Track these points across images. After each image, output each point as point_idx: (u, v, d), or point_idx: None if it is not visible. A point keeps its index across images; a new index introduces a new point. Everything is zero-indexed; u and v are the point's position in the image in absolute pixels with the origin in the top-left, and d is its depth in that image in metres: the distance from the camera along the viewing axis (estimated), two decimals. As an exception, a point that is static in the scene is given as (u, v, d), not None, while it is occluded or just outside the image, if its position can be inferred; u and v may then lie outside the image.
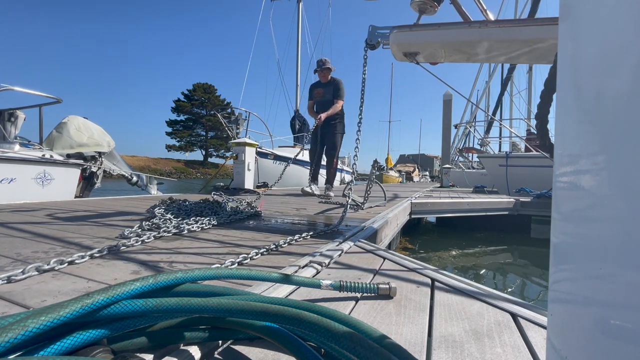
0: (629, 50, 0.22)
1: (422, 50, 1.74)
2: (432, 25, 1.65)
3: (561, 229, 0.31)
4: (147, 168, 28.68)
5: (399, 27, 1.72)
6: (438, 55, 1.78)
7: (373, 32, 1.81)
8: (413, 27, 1.68)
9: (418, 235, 4.55)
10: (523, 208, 4.30)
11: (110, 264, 0.99)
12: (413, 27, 1.68)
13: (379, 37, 1.80)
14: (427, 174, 37.40)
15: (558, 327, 0.31)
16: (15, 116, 4.49)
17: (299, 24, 11.59)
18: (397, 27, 1.72)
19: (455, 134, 11.91)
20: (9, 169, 3.63)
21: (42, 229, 1.54)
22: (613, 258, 0.23)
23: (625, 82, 0.22)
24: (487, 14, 1.66)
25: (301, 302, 0.56)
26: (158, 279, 0.52)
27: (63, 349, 0.42)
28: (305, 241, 1.39)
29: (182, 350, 0.51)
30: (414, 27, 1.68)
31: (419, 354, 0.55)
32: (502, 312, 0.74)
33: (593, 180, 0.26)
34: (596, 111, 0.26)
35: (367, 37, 1.82)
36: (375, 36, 1.81)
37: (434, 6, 1.62)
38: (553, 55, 1.56)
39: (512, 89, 15.28)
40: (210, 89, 42.16)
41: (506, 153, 7.68)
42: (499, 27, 1.53)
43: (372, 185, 2.99)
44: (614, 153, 0.23)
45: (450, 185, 9.96)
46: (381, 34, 1.79)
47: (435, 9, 1.63)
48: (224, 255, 1.11)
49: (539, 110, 0.76)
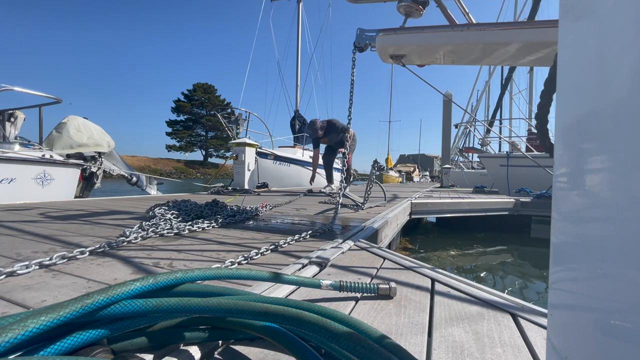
0: (629, 50, 0.22)
1: (408, 53, 1.78)
2: (416, 29, 1.70)
3: (561, 229, 0.31)
4: (147, 168, 28.68)
5: (384, 30, 1.76)
6: (424, 57, 1.82)
7: (361, 35, 1.84)
8: (398, 30, 1.72)
9: (418, 235, 4.55)
10: (523, 208, 4.30)
11: (110, 264, 0.99)
12: (398, 30, 1.72)
13: (367, 39, 1.83)
14: (427, 174, 37.40)
15: (558, 327, 0.31)
16: (15, 116, 4.49)
17: (299, 24, 11.59)
18: (383, 30, 1.77)
19: (455, 133, 11.91)
20: (9, 169, 3.63)
21: (42, 229, 1.54)
22: (613, 258, 0.23)
23: (625, 82, 0.22)
24: (469, 17, 1.69)
25: (301, 302, 0.56)
26: (158, 279, 0.52)
27: (63, 349, 0.42)
28: (305, 241, 1.39)
29: (182, 350, 0.51)
30: (399, 31, 1.72)
31: (419, 354, 0.55)
32: (502, 312, 0.74)
33: (593, 180, 0.26)
34: (596, 111, 0.26)
35: (355, 39, 1.85)
36: (363, 39, 1.84)
37: (419, 9, 1.65)
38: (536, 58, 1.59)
39: (512, 88, 15.28)
40: (210, 89, 42.17)
41: (507, 153, 7.68)
42: (481, 30, 1.57)
43: (372, 186, 2.99)
44: (614, 153, 0.23)
45: (450, 185, 9.95)
46: (368, 36, 1.82)
47: (420, 12, 1.67)
48: (224, 255, 1.11)
49: (539, 110, 0.76)
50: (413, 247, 3.75)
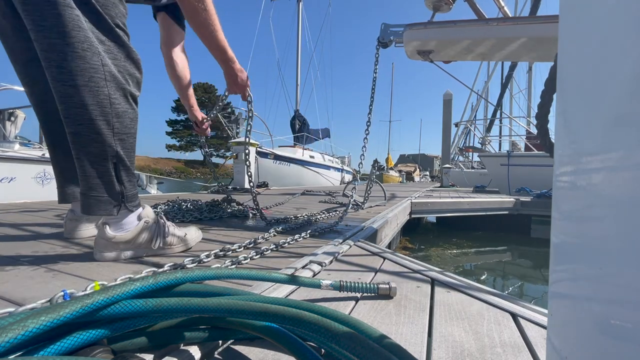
0: (630, 50, 0.22)
1: (437, 49, 1.70)
2: (447, 23, 1.61)
3: (561, 229, 0.31)
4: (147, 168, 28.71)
5: (413, 25, 1.68)
6: (453, 53, 1.75)
7: (386, 30, 1.77)
8: (428, 24, 1.65)
9: (418, 235, 4.55)
10: (523, 208, 4.31)
11: (110, 264, 0.99)
12: (428, 24, 1.65)
13: (392, 35, 1.76)
14: (427, 174, 37.42)
15: (558, 327, 0.31)
16: (15, 115, 4.50)
17: (299, 24, 11.59)
18: (411, 24, 1.68)
19: (455, 132, 11.91)
20: (9, 168, 3.63)
21: (42, 228, 1.54)
22: (613, 258, 0.23)
23: (625, 82, 0.22)
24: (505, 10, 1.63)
25: (301, 302, 0.56)
26: (158, 279, 0.52)
27: (63, 349, 0.42)
28: (305, 241, 1.39)
29: (182, 350, 0.51)
30: (428, 25, 1.64)
31: (419, 354, 0.55)
32: (502, 312, 0.74)
33: (593, 179, 0.26)
34: (596, 111, 0.26)
35: (380, 35, 1.77)
36: (387, 34, 1.77)
37: (449, 3, 1.59)
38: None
39: (512, 87, 15.28)
40: (210, 88, 42.18)
41: (508, 152, 7.67)
42: (517, 24, 1.49)
43: (372, 185, 2.99)
44: (614, 152, 0.23)
45: (450, 185, 9.96)
46: (394, 32, 1.76)
47: (449, 6, 1.60)
48: (224, 255, 1.11)
49: (540, 110, 0.76)
50: (413, 246, 3.75)
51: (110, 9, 0.92)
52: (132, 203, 1.02)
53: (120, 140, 0.95)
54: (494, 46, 1.59)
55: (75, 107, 0.87)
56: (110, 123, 0.92)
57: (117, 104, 0.93)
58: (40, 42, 0.83)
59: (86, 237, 1.33)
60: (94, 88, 0.88)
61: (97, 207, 0.95)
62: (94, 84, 0.88)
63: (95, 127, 0.90)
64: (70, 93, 0.86)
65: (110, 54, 0.93)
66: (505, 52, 1.66)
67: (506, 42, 1.54)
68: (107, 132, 0.92)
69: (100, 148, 0.92)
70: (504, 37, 1.51)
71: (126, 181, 0.99)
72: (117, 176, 0.96)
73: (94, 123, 0.90)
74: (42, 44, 0.83)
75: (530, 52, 1.62)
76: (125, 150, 0.98)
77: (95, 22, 0.89)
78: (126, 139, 0.98)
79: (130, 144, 0.99)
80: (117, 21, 0.94)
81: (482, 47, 1.62)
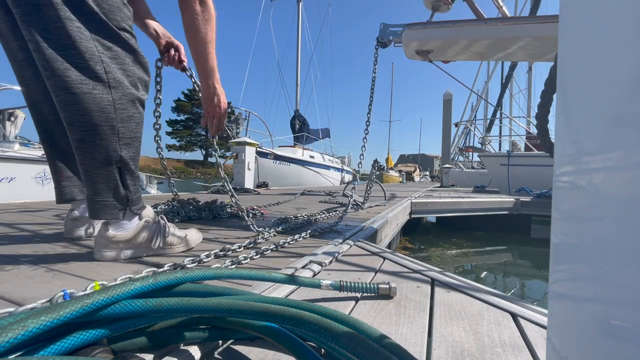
0: (630, 50, 0.22)
1: (436, 48, 1.70)
2: (446, 23, 1.61)
3: (561, 229, 0.31)
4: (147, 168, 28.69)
5: (412, 25, 1.68)
6: (452, 53, 1.74)
7: (385, 30, 1.77)
8: (426, 24, 1.64)
9: (418, 235, 4.55)
10: (523, 208, 4.31)
11: (110, 264, 0.99)
12: (426, 24, 1.64)
13: (391, 34, 1.76)
14: (427, 174, 37.42)
15: (558, 327, 0.31)
16: (15, 115, 4.50)
17: (299, 24, 11.60)
18: (410, 24, 1.68)
19: (455, 132, 11.91)
20: (9, 168, 3.63)
21: (42, 228, 1.54)
22: (613, 258, 0.23)
23: (625, 82, 0.22)
24: (504, 10, 1.62)
25: (301, 302, 0.56)
26: (158, 279, 0.52)
27: (63, 349, 0.42)
28: (305, 241, 1.39)
29: (182, 350, 0.51)
30: (427, 25, 1.64)
31: (419, 354, 0.55)
32: (502, 312, 0.74)
33: (593, 179, 0.26)
34: (597, 111, 0.26)
35: (379, 34, 1.77)
36: (387, 34, 1.76)
37: (448, 3, 1.59)
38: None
39: (512, 87, 15.28)
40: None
41: (508, 152, 7.67)
42: (516, 24, 1.48)
43: (372, 185, 2.99)
44: (614, 152, 0.23)
45: (450, 185, 9.96)
46: (393, 31, 1.76)
47: (449, 6, 1.60)
48: (224, 255, 1.11)
49: (540, 110, 0.76)
50: (413, 246, 3.75)
51: (115, 13, 0.92)
52: (137, 206, 1.02)
53: (125, 145, 0.96)
54: (493, 46, 1.59)
55: (79, 114, 0.88)
56: (115, 129, 0.92)
57: (122, 110, 0.93)
58: (39, 53, 0.83)
59: (86, 237, 1.33)
60: (98, 96, 0.88)
61: (103, 212, 0.95)
62: (97, 92, 0.88)
63: (99, 133, 0.90)
64: (74, 101, 0.86)
65: (118, 60, 0.93)
66: (504, 52, 1.66)
67: (505, 42, 1.53)
68: (112, 137, 0.92)
69: (105, 154, 0.92)
70: (503, 37, 1.51)
71: (131, 185, 0.99)
72: (122, 180, 0.97)
73: (98, 129, 0.90)
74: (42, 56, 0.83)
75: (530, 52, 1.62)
76: (130, 154, 0.98)
77: (100, 30, 0.89)
78: (131, 143, 0.98)
79: (135, 148, 1.00)
80: (122, 25, 0.94)
81: (481, 46, 1.62)
